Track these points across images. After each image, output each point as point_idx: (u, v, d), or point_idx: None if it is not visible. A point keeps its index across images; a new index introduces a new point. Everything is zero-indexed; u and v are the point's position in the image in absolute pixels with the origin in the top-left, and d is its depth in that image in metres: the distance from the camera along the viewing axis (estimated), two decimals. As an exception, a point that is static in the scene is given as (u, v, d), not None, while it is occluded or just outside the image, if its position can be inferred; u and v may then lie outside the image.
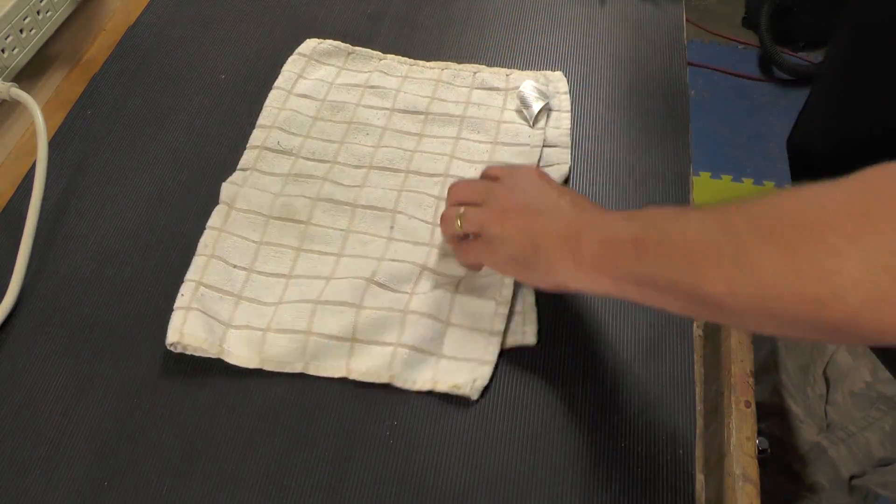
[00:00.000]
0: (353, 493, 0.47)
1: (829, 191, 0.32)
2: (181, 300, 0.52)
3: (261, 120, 0.66)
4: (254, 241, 0.57)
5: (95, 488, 0.47)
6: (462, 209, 0.49)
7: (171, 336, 0.51)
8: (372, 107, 0.67)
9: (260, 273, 0.55)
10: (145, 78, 0.71)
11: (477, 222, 0.48)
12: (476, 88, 0.69)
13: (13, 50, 0.64)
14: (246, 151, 0.63)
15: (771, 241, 0.33)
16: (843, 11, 0.61)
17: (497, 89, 0.69)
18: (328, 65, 0.71)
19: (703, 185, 1.70)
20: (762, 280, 0.33)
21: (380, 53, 0.72)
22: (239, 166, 0.62)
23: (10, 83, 0.61)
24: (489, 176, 0.52)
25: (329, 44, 0.72)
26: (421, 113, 0.67)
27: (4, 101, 0.62)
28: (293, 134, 0.64)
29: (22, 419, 0.49)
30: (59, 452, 0.48)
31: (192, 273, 0.54)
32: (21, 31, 0.64)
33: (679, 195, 0.62)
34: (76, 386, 0.51)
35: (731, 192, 1.70)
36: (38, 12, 0.66)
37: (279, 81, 0.69)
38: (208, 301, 0.52)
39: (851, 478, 0.65)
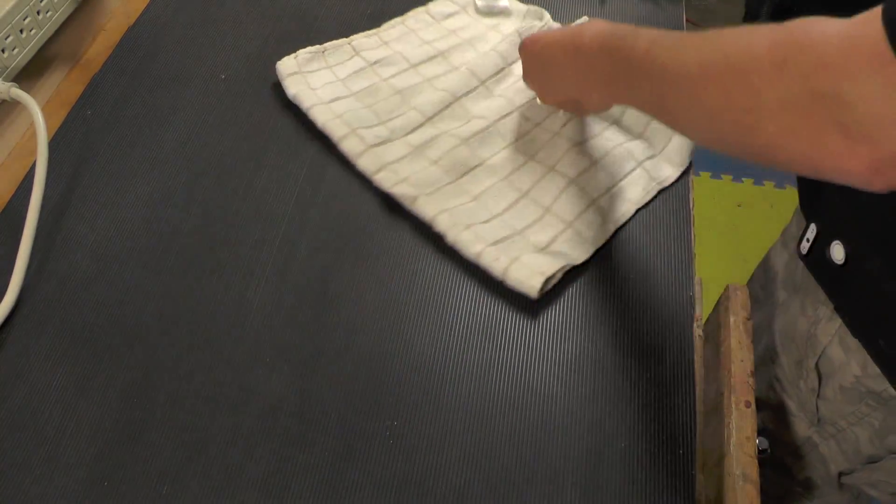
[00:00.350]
0: (353, 492, 0.47)
1: (757, 34, 0.37)
2: None
3: (335, 135, 0.65)
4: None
5: (95, 488, 0.47)
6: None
7: None
8: (396, 74, 0.70)
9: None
10: (145, 78, 0.71)
11: (531, 86, 0.64)
12: (446, 18, 0.77)
13: (13, 50, 0.64)
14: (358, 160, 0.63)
15: (711, 80, 0.39)
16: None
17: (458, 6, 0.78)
18: (319, 70, 0.71)
19: (703, 185, 1.70)
20: (707, 111, 0.40)
21: (344, 39, 0.73)
22: (365, 170, 0.63)
23: (10, 83, 0.61)
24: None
25: (302, 54, 0.70)
26: (435, 56, 0.72)
27: (4, 101, 0.62)
28: (371, 126, 0.65)
29: (22, 419, 0.49)
30: (59, 452, 0.48)
31: None
32: (21, 31, 0.64)
33: (679, 195, 0.62)
34: (76, 386, 0.51)
35: (732, 193, 1.70)
36: (38, 12, 0.66)
37: (305, 101, 0.67)
38: None
39: (840, 474, 0.65)
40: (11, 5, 0.62)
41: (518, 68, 0.69)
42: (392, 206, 0.61)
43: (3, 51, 0.63)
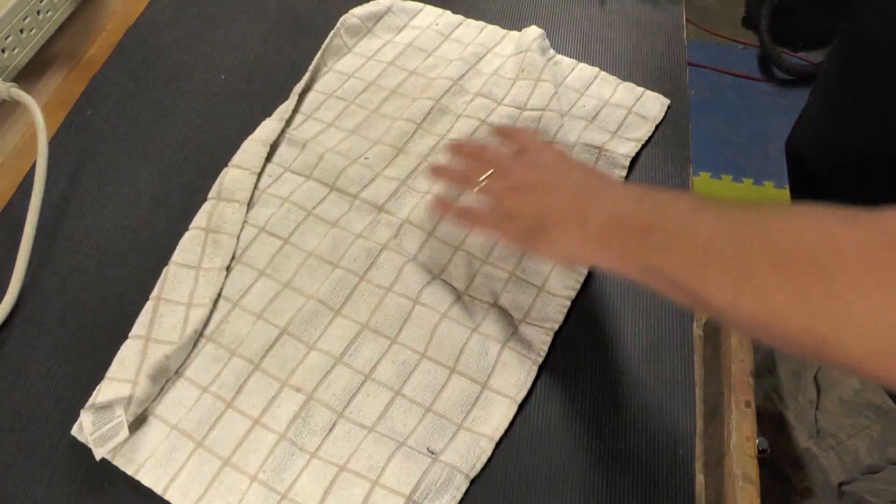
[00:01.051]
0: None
1: (847, 230, 0.31)
2: None
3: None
4: None
5: (95, 488, 0.47)
6: (483, 179, 0.49)
7: None
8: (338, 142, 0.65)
9: None
10: (145, 78, 0.71)
11: (495, 194, 0.48)
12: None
13: (13, 50, 0.64)
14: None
15: (782, 271, 0.32)
16: (842, 21, 0.61)
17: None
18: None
19: (703, 185, 1.70)
20: (768, 306, 0.32)
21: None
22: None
23: (10, 83, 0.61)
24: (514, 139, 0.52)
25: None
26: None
27: (4, 101, 0.62)
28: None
29: (22, 419, 0.49)
30: (59, 452, 0.48)
31: None
32: (21, 31, 0.64)
33: (679, 195, 0.62)
34: (76, 386, 0.51)
35: (732, 193, 1.70)
36: (38, 12, 0.66)
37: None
38: None
39: (841, 484, 0.65)
40: (11, 5, 0.62)
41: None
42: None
43: (3, 51, 0.63)
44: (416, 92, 0.68)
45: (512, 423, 0.49)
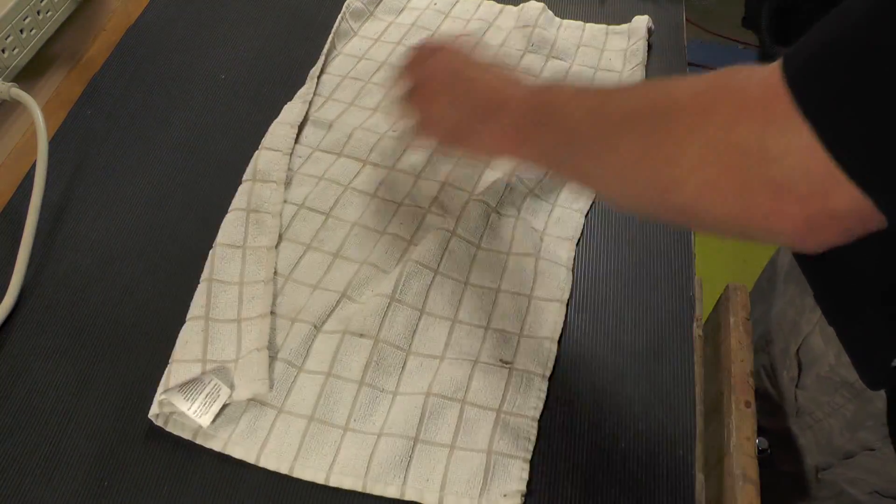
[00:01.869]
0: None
1: (686, 82, 0.34)
2: None
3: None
4: None
5: (95, 488, 0.47)
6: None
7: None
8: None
9: None
10: (145, 78, 0.71)
11: (415, 107, 0.51)
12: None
13: (13, 50, 0.64)
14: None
15: (632, 128, 0.35)
16: None
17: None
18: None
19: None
20: (623, 163, 0.36)
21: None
22: None
23: (10, 83, 0.61)
24: (427, 49, 0.54)
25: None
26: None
27: (4, 101, 0.62)
28: None
29: (22, 419, 0.49)
30: (59, 452, 0.48)
31: None
32: (21, 31, 0.64)
33: (679, 195, 0.62)
34: (76, 386, 0.51)
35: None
36: (38, 12, 0.66)
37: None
38: None
39: (818, 469, 0.65)
40: (11, 5, 0.62)
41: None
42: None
43: (3, 51, 0.63)
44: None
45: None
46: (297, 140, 0.65)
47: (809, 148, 0.27)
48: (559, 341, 0.52)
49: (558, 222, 0.59)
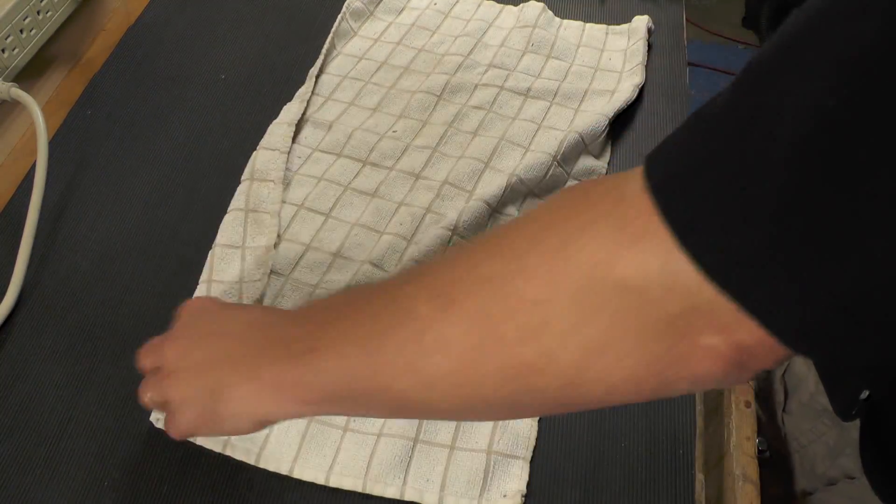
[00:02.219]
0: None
1: (520, 227, 0.27)
2: None
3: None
4: None
5: (95, 488, 0.47)
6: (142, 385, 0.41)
7: None
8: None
9: None
10: (145, 78, 0.71)
11: (158, 394, 0.40)
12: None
13: (13, 50, 0.64)
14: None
15: (451, 307, 0.27)
16: None
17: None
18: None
19: (703, 185, 1.70)
20: (456, 356, 0.27)
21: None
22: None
23: (10, 83, 0.61)
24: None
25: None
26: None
27: (4, 101, 0.62)
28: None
29: (22, 419, 0.49)
30: (59, 452, 0.48)
31: None
32: (21, 31, 0.64)
33: (679, 195, 0.61)
34: (76, 386, 0.51)
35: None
36: (38, 12, 0.66)
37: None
38: None
39: (804, 494, 0.65)
40: (11, 5, 0.62)
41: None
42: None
43: (3, 51, 0.63)
44: (429, 68, 0.71)
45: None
46: (296, 140, 0.65)
47: (688, 272, 0.22)
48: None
49: None
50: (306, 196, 0.60)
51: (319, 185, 0.61)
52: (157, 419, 0.48)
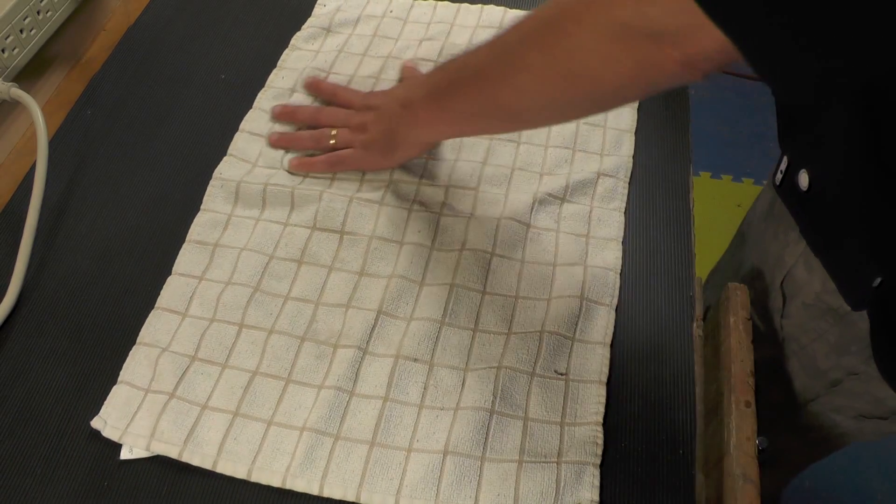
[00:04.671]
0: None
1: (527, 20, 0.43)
2: None
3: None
4: None
5: (95, 488, 0.47)
6: (334, 131, 0.61)
7: None
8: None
9: None
10: (145, 78, 0.71)
11: (348, 138, 0.61)
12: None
13: (13, 50, 0.64)
14: None
15: (530, 44, 0.43)
16: None
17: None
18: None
19: (703, 185, 1.70)
20: (535, 72, 0.43)
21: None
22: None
23: (10, 83, 0.61)
24: (323, 93, 0.66)
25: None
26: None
27: (4, 101, 0.62)
28: None
29: (22, 419, 0.49)
30: (59, 452, 0.48)
31: None
32: (21, 31, 0.64)
33: (679, 195, 0.62)
34: (76, 386, 0.51)
35: (732, 193, 1.70)
36: (38, 12, 0.66)
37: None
38: None
39: (806, 402, 0.66)
40: (11, 5, 0.62)
41: None
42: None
43: (3, 51, 0.63)
44: (399, 74, 0.70)
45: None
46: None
47: (679, 11, 0.34)
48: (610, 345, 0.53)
49: (600, 223, 0.59)
50: (315, 213, 0.59)
51: (324, 197, 0.59)
52: (129, 451, 0.48)
